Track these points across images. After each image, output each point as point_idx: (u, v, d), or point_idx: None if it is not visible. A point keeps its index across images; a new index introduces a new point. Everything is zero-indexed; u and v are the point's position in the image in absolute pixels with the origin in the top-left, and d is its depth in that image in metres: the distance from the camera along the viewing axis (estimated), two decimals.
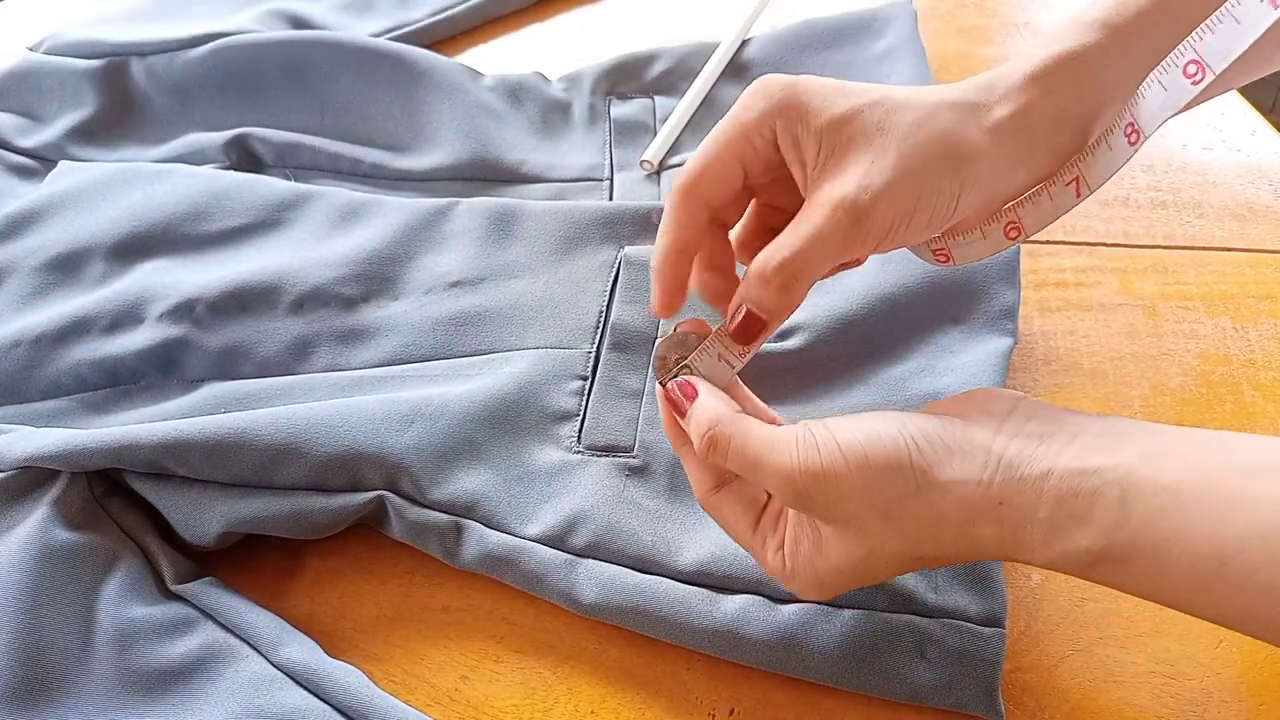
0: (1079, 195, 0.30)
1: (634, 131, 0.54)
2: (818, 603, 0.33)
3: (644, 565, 0.35)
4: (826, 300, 0.41)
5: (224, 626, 0.35)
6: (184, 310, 0.43)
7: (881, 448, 0.27)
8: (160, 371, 0.42)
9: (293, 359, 0.42)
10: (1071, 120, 0.30)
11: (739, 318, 0.30)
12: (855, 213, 0.28)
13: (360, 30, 0.61)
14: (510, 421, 0.39)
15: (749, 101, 0.30)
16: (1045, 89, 0.29)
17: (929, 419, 0.28)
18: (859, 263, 0.33)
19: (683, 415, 0.31)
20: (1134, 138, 0.28)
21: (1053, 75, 0.29)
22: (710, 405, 0.30)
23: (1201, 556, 0.24)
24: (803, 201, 0.30)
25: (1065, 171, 0.30)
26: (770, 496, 0.32)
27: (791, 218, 0.29)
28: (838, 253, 0.29)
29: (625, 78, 0.57)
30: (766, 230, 0.32)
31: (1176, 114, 0.28)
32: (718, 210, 0.32)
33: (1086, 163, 0.30)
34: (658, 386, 0.32)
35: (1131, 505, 0.25)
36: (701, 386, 0.31)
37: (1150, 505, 0.24)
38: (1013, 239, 0.31)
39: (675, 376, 0.31)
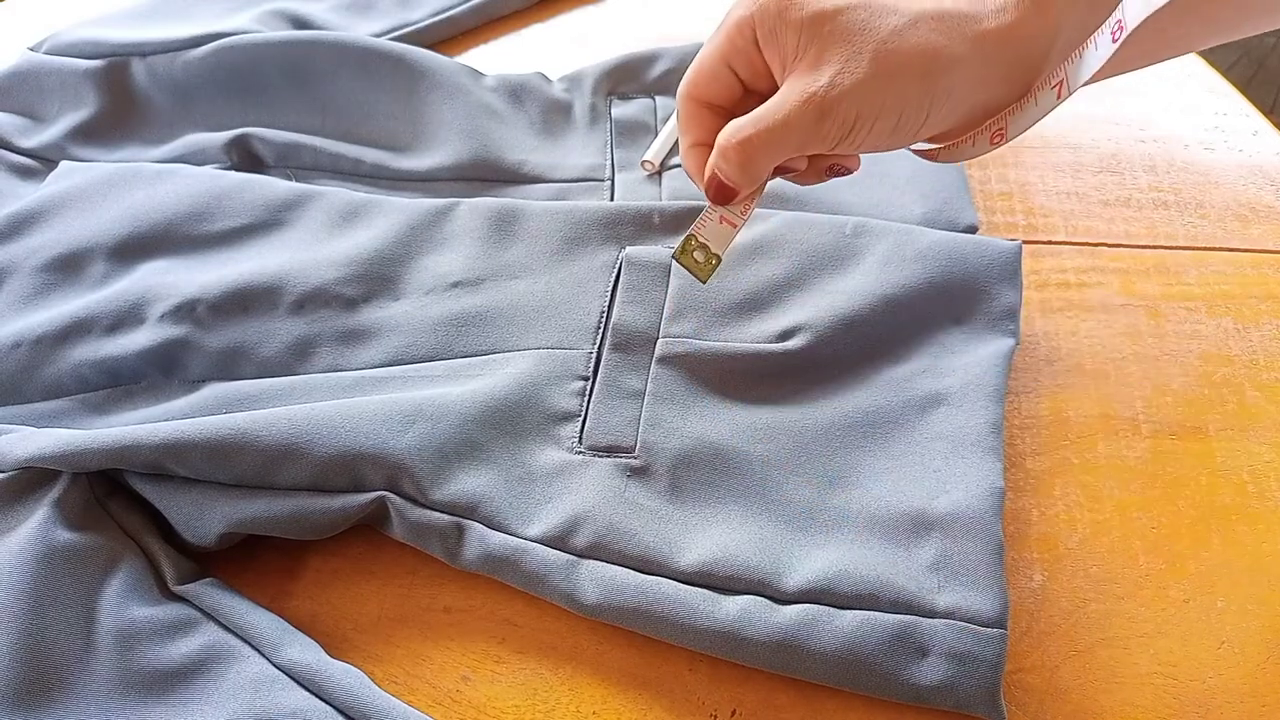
0: (993, 142, 0.32)
1: (635, 132, 0.54)
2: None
3: (645, 566, 0.35)
4: (828, 301, 0.41)
5: (225, 627, 0.35)
6: (185, 310, 0.43)
7: None
8: (161, 372, 0.42)
9: (294, 359, 0.42)
10: (1064, 43, 0.30)
11: (709, 180, 0.32)
12: (821, 107, 0.29)
13: (361, 30, 0.61)
14: (511, 422, 0.39)
15: (735, 5, 0.31)
16: (1040, 7, 0.29)
17: None
18: (848, 170, 0.34)
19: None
20: (1060, 90, 0.29)
21: None
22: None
23: None
24: None
25: (993, 122, 0.31)
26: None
27: None
28: (797, 143, 0.30)
29: (626, 78, 0.57)
30: None
31: (1098, 72, 0.28)
32: (728, 109, 0.33)
33: (1014, 117, 0.31)
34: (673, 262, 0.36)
35: None
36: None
37: None
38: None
39: (684, 250, 0.35)
